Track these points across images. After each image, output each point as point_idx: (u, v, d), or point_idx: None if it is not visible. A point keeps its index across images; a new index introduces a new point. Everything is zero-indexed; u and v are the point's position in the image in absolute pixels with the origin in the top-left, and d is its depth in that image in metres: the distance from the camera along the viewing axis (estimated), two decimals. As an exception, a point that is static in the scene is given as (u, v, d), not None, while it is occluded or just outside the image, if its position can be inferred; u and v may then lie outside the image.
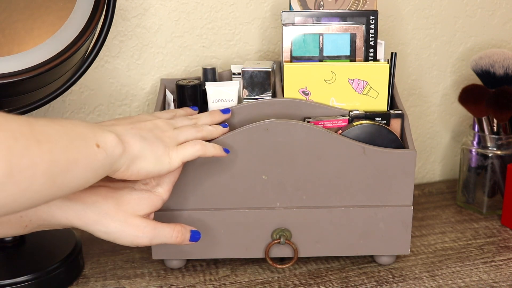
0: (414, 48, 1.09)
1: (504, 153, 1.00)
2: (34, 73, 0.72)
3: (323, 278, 0.85)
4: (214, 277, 0.86)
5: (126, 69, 1.00)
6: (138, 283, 0.85)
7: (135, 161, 0.66)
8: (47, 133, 0.55)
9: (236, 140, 0.80)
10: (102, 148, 0.60)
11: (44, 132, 0.54)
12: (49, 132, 0.55)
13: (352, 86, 0.85)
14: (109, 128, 0.65)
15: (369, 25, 0.86)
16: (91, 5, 0.76)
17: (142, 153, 0.67)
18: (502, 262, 0.89)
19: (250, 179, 0.82)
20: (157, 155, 0.69)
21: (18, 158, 0.50)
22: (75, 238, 0.89)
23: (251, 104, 0.84)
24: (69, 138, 0.57)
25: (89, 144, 0.59)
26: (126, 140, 0.65)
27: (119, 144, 0.63)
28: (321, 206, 0.83)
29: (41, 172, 0.53)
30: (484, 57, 1.00)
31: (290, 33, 0.86)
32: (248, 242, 0.85)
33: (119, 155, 0.63)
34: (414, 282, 0.84)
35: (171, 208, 0.83)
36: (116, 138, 0.63)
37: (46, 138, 0.54)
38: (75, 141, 0.57)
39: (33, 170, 0.52)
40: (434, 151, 1.17)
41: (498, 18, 1.11)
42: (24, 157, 0.51)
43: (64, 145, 0.56)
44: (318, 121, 0.83)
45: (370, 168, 0.81)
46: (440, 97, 1.13)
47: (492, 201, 1.02)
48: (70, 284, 0.85)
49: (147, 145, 0.68)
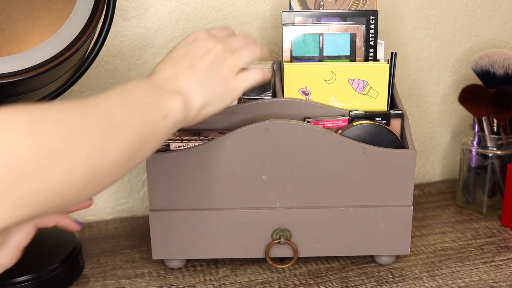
0: (414, 48, 1.09)
1: (504, 153, 1.00)
2: (34, 73, 0.72)
3: (323, 278, 0.85)
4: (214, 277, 0.86)
5: (126, 69, 1.00)
6: (138, 283, 0.85)
7: (200, 112, 0.66)
8: (121, 123, 0.54)
9: (236, 140, 0.80)
10: (169, 117, 0.60)
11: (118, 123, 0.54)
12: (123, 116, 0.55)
13: (352, 86, 0.85)
14: (171, 86, 0.63)
15: (369, 25, 0.86)
16: (91, 5, 0.76)
17: (205, 101, 0.66)
18: (502, 262, 0.89)
19: (250, 179, 0.82)
20: (220, 95, 0.68)
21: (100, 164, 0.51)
22: (75, 238, 0.89)
23: (251, 104, 0.84)
24: (140, 119, 0.57)
25: (156, 118, 0.59)
26: (189, 96, 0.64)
27: (184, 109, 0.63)
28: (321, 206, 0.83)
29: (117, 164, 0.53)
30: (484, 57, 1.00)
31: (290, 33, 0.86)
32: (248, 242, 0.85)
33: (184, 118, 0.63)
34: (414, 282, 0.84)
35: (171, 208, 0.83)
36: (181, 103, 0.62)
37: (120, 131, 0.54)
38: (144, 119, 0.57)
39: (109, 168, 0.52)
40: (434, 151, 1.17)
41: (498, 18, 1.11)
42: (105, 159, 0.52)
43: (135, 130, 0.56)
44: (318, 121, 0.83)
45: (370, 168, 0.81)
46: (440, 97, 1.13)
47: (492, 201, 1.02)
48: (70, 284, 0.85)
49: (209, 91, 0.67)
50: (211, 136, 0.82)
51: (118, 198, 1.05)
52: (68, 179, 0.48)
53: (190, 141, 0.82)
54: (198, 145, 0.81)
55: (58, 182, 0.48)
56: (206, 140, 0.82)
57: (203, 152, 0.81)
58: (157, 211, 0.83)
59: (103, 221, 1.04)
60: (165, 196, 0.82)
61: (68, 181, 0.48)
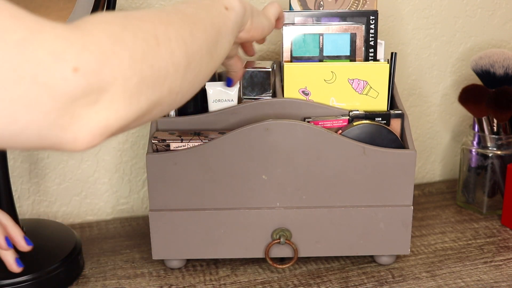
0: (414, 48, 1.09)
1: (504, 153, 1.00)
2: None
3: (323, 278, 0.85)
4: (214, 277, 0.86)
5: (126, 69, 1.00)
6: (138, 283, 0.85)
7: (254, 15, 0.70)
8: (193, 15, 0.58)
9: (236, 140, 0.80)
10: (231, 8, 0.64)
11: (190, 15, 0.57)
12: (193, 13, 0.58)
13: (352, 86, 0.85)
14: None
15: (369, 25, 0.86)
16: (91, 5, 0.76)
17: (253, 9, 0.71)
18: (502, 262, 0.89)
19: (250, 179, 0.82)
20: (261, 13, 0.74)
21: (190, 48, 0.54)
22: (75, 238, 0.89)
23: (251, 104, 0.84)
24: (206, 11, 0.60)
25: (221, 10, 0.63)
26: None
27: (240, 2, 0.66)
28: (321, 206, 0.83)
29: (204, 52, 0.57)
30: (484, 57, 1.00)
31: (290, 33, 0.86)
32: (248, 242, 0.85)
33: (243, 11, 0.67)
34: (414, 282, 0.84)
35: (171, 208, 0.83)
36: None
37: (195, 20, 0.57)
38: (211, 12, 0.61)
39: (200, 54, 0.56)
40: (434, 151, 1.17)
41: (498, 18, 1.11)
42: (194, 44, 0.55)
43: (208, 20, 0.59)
44: (318, 121, 0.83)
45: (370, 168, 0.81)
46: (440, 97, 1.13)
47: (492, 201, 1.02)
48: (70, 284, 0.85)
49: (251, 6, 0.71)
50: (211, 136, 0.82)
51: (118, 198, 1.05)
52: (170, 64, 0.52)
53: (190, 141, 0.82)
54: (198, 145, 0.81)
55: (163, 65, 0.51)
56: (206, 140, 0.82)
57: (203, 152, 0.81)
58: (157, 211, 0.83)
59: (103, 221, 1.04)
60: (165, 196, 0.82)
61: (171, 65, 0.52)
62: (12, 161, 0.98)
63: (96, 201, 1.05)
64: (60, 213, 1.04)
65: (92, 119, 0.46)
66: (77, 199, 1.04)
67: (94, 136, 0.47)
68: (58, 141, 0.45)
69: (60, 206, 1.03)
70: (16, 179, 1.00)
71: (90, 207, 1.05)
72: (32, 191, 1.02)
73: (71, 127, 0.45)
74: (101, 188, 1.04)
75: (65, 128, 0.45)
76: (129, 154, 1.03)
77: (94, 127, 0.46)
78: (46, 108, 0.43)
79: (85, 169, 1.03)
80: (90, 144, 0.47)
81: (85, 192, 1.04)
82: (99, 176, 1.03)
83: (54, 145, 0.46)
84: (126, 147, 1.03)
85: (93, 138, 0.47)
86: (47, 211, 1.03)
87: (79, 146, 0.47)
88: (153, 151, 0.82)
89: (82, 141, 0.46)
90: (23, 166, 1.00)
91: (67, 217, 1.04)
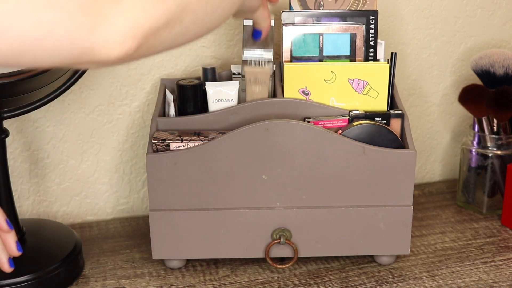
0: (414, 48, 1.09)
1: (504, 153, 1.00)
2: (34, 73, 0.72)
3: (323, 278, 0.85)
4: (214, 277, 0.86)
5: (126, 69, 1.00)
6: (138, 283, 0.85)
7: None
8: None
9: (236, 140, 0.80)
10: None
11: None
12: None
13: (352, 86, 0.85)
14: None
15: (369, 25, 0.86)
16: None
17: None
18: (502, 262, 0.89)
19: (250, 179, 0.82)
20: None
21: None
22: (75, 238, 0.89)
23: (251, 104, 0.84)
24: None
25: None
26: None
27: None
28: (321, 206, 0.83)
29: None
30: (484, 57, 1.00)
31: (290, 33, 0.86)
32: (248, 242, 0.85)
33: None
34: (414, 282, 0.84)
35: (171, 208, 0.83)
36: None
37: None
38: None
39: None
40: (434, 151, 1.17)
41: (498, 18, 1.11)
42: None
43: None
44: (318, 121, 0.83)
45: (370, 168, 0.81)
46: (440, 97, 1.13)
47: (492, 201, 1.02)
48: (70, 284, 0.85)
49: None
50: (211, 136, 0.82)
51: (118, 198, 1.05)
52: None
53: (190, 141, 0.82)
54: (198, 145, 0.81)
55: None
56: (206, 140, 0.82)
57: (203, 152, 0.81)
58: (157, 211, 0.83)
59: (103, 221, 1.04)
60: (165, 196, 0.82)
61: None
62: (12, 161, 0.98)
63: (96, 201, 1.05)
64: (60, 213, 1.04)
65: (120, 18, 0.44)
66: (77, 199, 1.04)
67: (126, 37, 0.45)
68: (90, 46, 0.44)
69: (60, 206, 1.03)
70: (16, 179, 1.00)
71: (90, 207, 1.05)
72: (32, 191, 1.02)
73: (99, 28, 0.44)
74: (101, 188, 1.04)
75: (93, 29, 0.43)
76: (129, 154, 1.03)
77: (123, 26, 0.45)
78: (68, 6, 0.42)
79: (85, 169, 1.03)
80: (125, 48, 0.45)
81: (85, 192, 1.04)
82: (99, 176, 1.03)
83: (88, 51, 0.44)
84: (126, 147, 1.03)
85: (125, 40, 0.45)
86: (47, 211, 1.03)
87: (114, 51, 0.45)
88: (153, 151, 0.82)
89: (115, 43, 0.45)
90: (23, 166, 1.00)
91: (67, 217, 1.04)
